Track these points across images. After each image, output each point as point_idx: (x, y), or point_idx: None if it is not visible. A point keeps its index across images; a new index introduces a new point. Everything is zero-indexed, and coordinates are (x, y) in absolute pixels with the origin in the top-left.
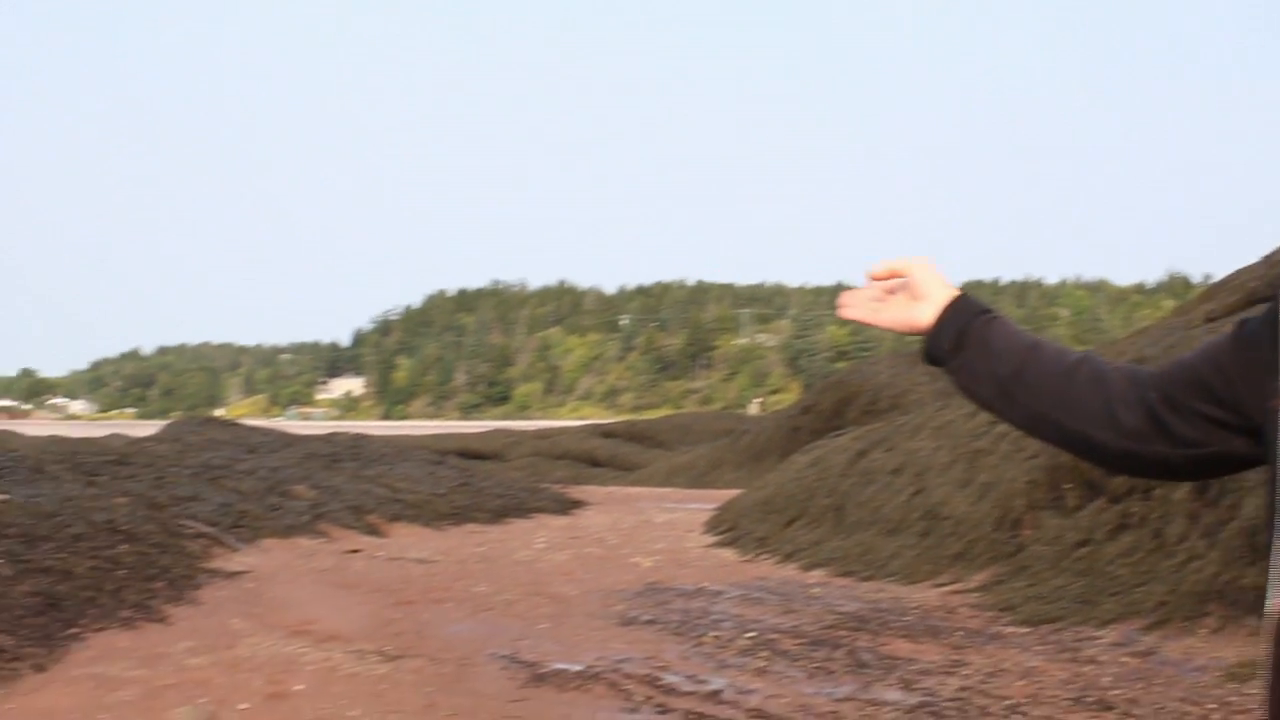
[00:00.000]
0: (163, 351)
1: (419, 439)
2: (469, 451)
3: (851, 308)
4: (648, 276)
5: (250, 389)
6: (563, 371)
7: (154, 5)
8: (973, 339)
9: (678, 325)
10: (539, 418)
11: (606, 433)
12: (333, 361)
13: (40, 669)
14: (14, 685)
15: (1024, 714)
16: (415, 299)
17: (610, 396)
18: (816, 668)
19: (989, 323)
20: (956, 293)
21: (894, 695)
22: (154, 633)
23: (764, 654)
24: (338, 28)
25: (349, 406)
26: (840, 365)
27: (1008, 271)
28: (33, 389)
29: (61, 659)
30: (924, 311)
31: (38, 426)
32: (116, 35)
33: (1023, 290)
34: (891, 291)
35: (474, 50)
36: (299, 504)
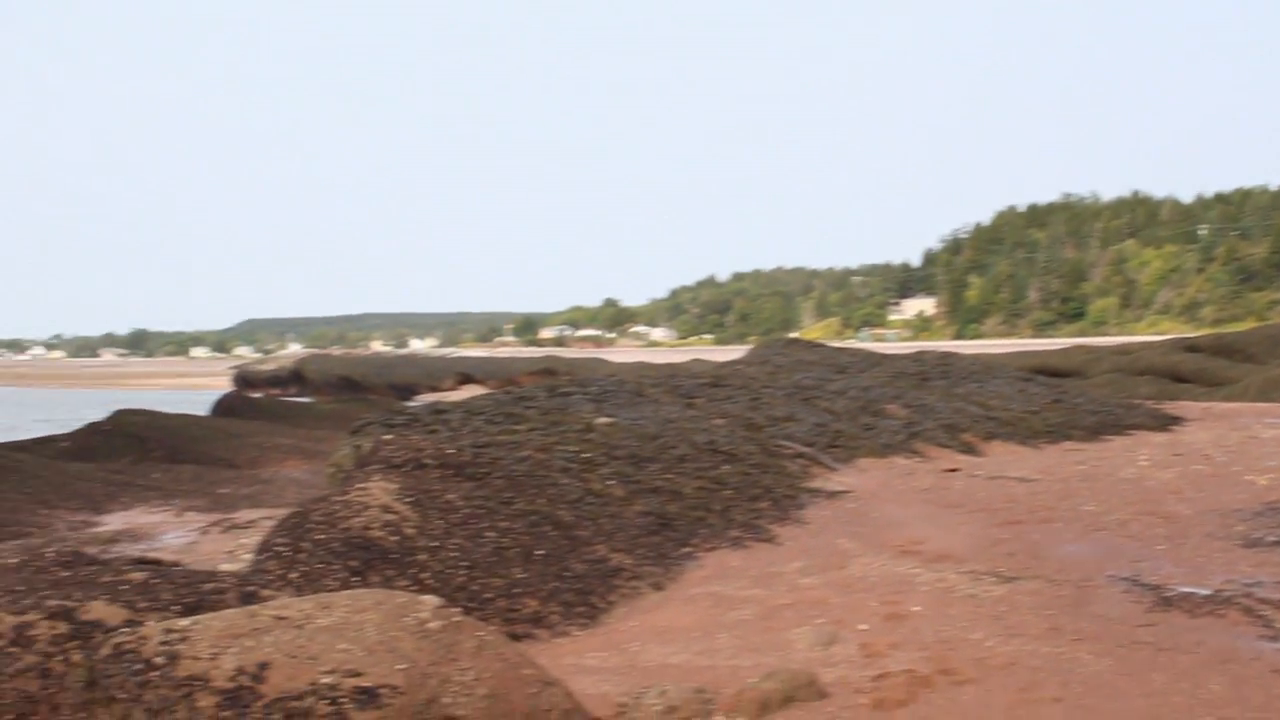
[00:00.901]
0: (738, 278)
1: (996, 357)
2: (1047, 369)
3: None
4: (1227, 182)
5: (823, 312)
6: (1139, 285)
7: None
8: None
9: (1261, 233)
10: (1115, 333)
11: (1190, 346)
12: (904, 282)
13: (658, 587)
14: (635, 603)
15: None
16: (985, 216)
17: (1190, 310)
18: None
19: None
20: None
21: None
22: (765, 552)
23: None
24: None
25: (921, 327)
26: None
27: None
28: (616, 318)
29: (677, 578)
30: None
31: (622, 354)
32: None
33: None
34: None
35: None
36: (892, 423)
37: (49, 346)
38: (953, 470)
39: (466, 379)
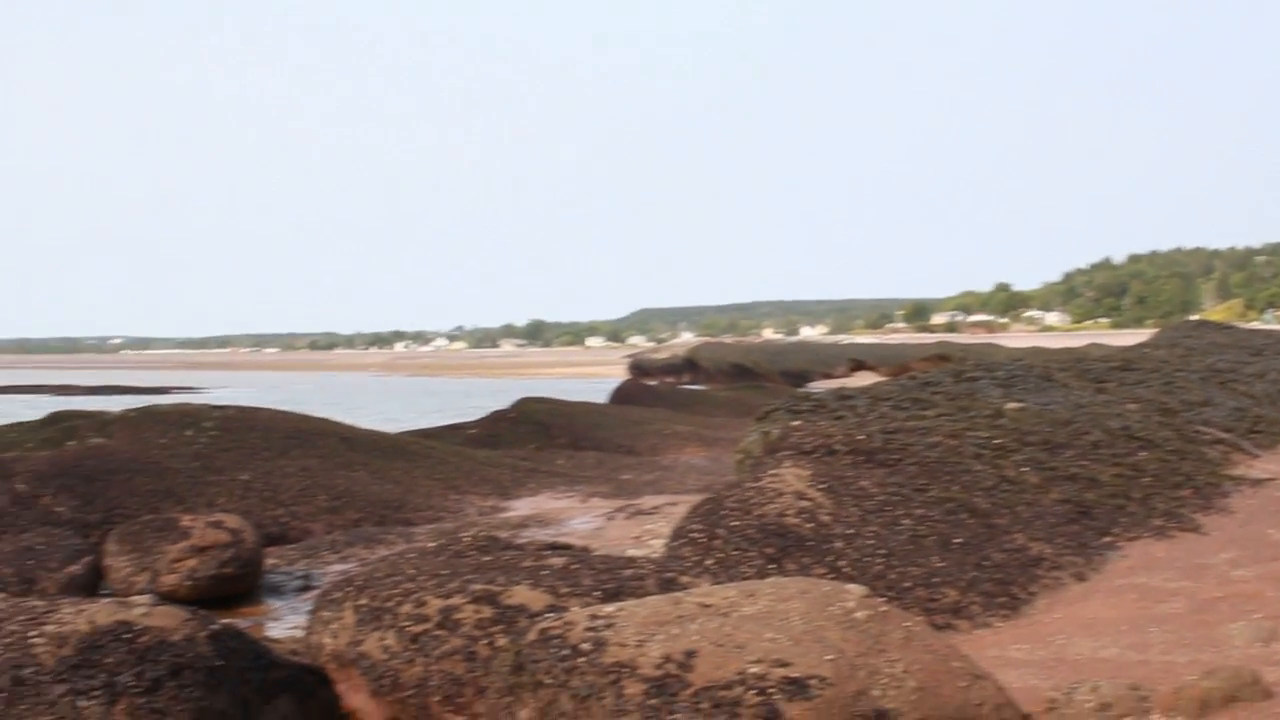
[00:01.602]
0: (1134, 259)
1: None
2: None
3: None
4: None
5: (1224, 293)
6: None
7: None
8: None
9: None
10: None
11: None
12: None
13: (1080, 578)
14: (1057, 594)
15: None
16: None
17: None
18: None
19: None
20: None
21: None
22: (1190, 542)
23: None
24: None
25: None
26: None
27: None
28: (1008, 303)
29: (1100, 569)
30: None
31: (1015, 339)
32: None
33: None
34: None
35: None
36: None
37: (451, 338)
38: None
39: (858, 366)
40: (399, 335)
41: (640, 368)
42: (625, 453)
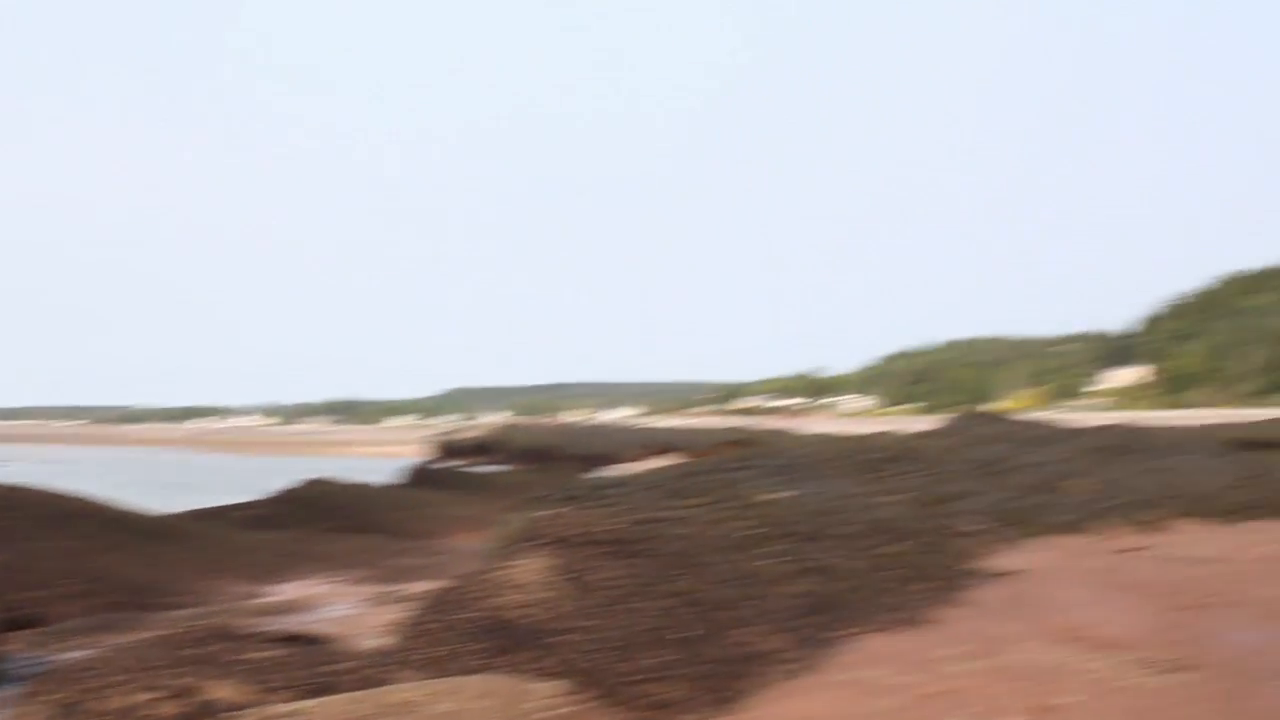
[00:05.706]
0: (950, 346)
1: (1197, 430)
2: (1256, 441)
3: None
4: None
5: (1032, 380)
6: None
7: None
8: None
9: None
10: None
11: None
12: (1109, 351)
13: (804, 673)
14: (778, 689)
15: None
16: (1196, 282)
17: None
18: None
19: None
20: None
21: None
22: (920, 636)
23: None
24: None
25: (1130, 396)
26: None
27: None
28: (817, 387)
29: (826, 663)
30: None
31: (816, 424)
32: None
33: None
34: None
35: None
36: (1069, 500)
37: (260, 413)
38: (1131, 550)
39: (658, 449)
40: (199, 410)
41: (448, 447)
42: (406, 536)
